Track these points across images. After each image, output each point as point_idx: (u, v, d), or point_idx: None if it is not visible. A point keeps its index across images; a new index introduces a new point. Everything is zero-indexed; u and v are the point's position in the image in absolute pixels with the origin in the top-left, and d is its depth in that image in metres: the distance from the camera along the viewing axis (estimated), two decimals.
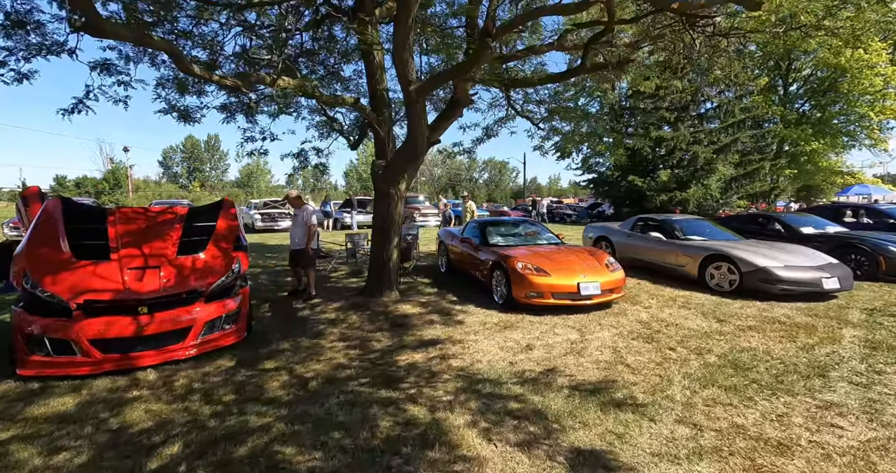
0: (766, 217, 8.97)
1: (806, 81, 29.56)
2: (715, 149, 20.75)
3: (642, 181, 21.00)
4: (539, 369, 3.36)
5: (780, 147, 30.24)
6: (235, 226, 4.33)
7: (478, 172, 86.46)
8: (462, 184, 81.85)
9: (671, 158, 21.35)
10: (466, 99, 5.66)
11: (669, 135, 20.59)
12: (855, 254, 7.24)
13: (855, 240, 7.29)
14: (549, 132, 9.15)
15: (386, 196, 5.29)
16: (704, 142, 21.35)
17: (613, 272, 5.40)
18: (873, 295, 6.04)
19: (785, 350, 3.97)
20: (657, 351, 3.90)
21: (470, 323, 4.61)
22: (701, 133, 21.78)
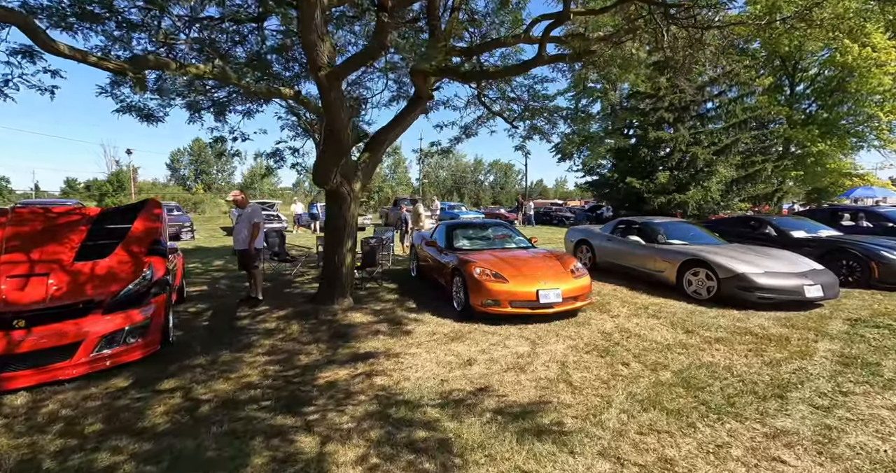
0: (757, 220, 8.59)
1: (813, 81, 28.94)
2: (715, 151, 20.28)
3: (640, 183, 20.59)
4: (470, 388, 3.08)
5: (787, 148, 29.63)
6: (156, 228, 4.02)
7: (483, 174, 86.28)
8: (467, 186, 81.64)
9: (670, 160, 20.93)
10: (426, 93, 5.40)
11: (668, 136, 20.18)
12: (846, 260, 6.86)
13: (846, 245, 6.91)
14: (529, 131, 8.87)
15: (336, 196, 4.98)
16: (705, 143, 20.89)
17: (578, 278, 5.10)
18: (861, 304, 5.66)
19: (748, 365, 3.65)
20: (609, 366, 3.60)
21: (418, 334, 4.34)
22: (702, 134, 21.32)
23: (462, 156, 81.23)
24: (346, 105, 3.59)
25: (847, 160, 30.91)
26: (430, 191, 71.39)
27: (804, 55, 28.26)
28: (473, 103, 7.93)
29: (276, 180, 69.22)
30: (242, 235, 5.28)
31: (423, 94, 5.30)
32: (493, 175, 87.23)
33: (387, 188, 59.10)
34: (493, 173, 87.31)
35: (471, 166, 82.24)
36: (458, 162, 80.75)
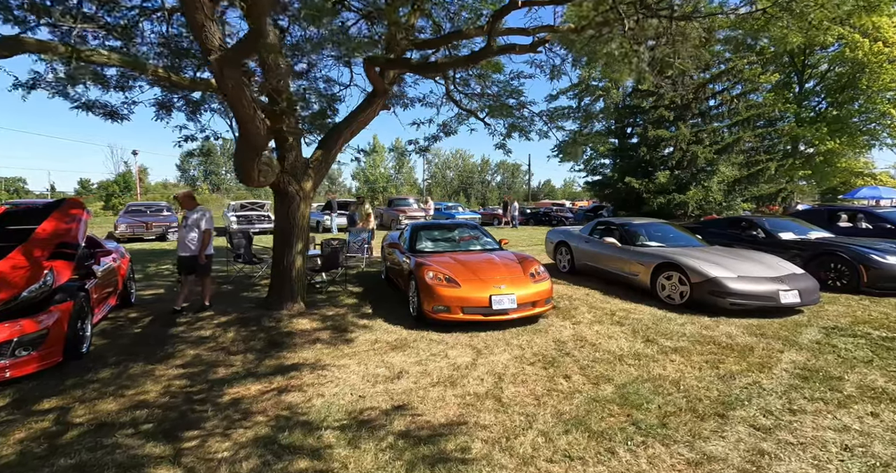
0: (747, 221, 8.26)
1: (823, 77, 28.18)
2: (717, 149, 19.78)
3: (639, 183, 20.18)
4: (387, 406, 2.86)
5: (795, 147, 28.89)
6: (67, 229, 3.71)
7: (490, 174, 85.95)
8: (474, 186, 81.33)
9: (670, 159, 20.48)
10: (381, 87, 5.20)
11: (668, 134, 19.73)
12: (835, 264, 6.52)
13: (835, 248, 6.56)
14: (508, 129, 8.63)
15: (283, 196, 4.81)
16: (706, 141, 20.40)
17: (538, 283, 4.87)
18: (843, 311, 5.34)
19: (699, 379, 3.40)
20: (549, 379, 3.37)
21: (359, 343, 4.14)
22: (703, 132, 20.83)
23: (469, 156, 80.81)
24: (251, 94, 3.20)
25: (861, 159, 30.04)
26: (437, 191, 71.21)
27: (813, 51, 27.55)
28: (442, 101, 7.72)
29: None
30: (189, 240, 4.91)
31: (378, 88, 5.09)
32: (501, 175, 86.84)
33: (391, 189, 58.99)
34: (500, 173, 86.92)
35: (478, 166, 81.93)
36: (466, 162, 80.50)
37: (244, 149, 3.46)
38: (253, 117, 3.16)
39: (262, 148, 3.67)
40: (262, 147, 3.66)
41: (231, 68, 2.77)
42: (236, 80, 2.85)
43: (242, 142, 3.37)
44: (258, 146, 3.57)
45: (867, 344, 4.17)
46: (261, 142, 3.55)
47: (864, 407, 2.92)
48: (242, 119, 3.20)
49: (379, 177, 59.44)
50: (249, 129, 3.25)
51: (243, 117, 3.15)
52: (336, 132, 5.33)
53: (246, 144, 3.39)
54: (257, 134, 3.31)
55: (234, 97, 3.00)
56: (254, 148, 3.53)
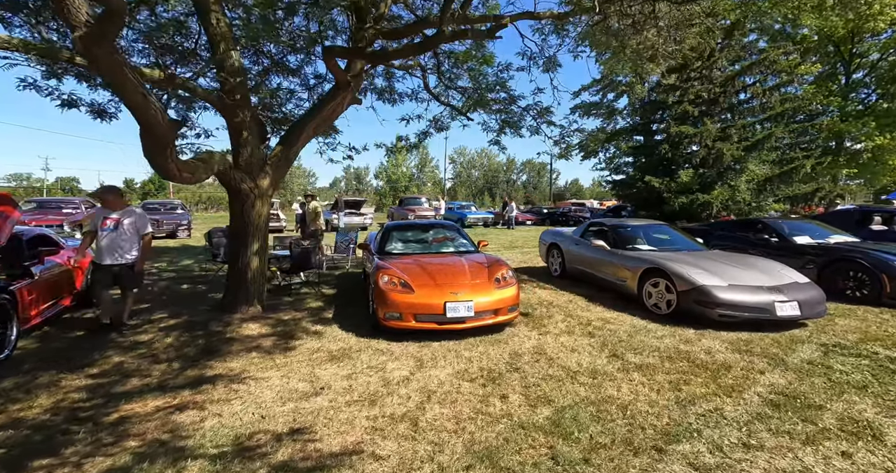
0: (760, 223, 7.58)
1: (873, 67, 26.07)
2: (746, 146, 18.54)
3: (660, 182, 19.21)
4: (284, 429, 2.61)
5: (840, 143, 26.88)
6: None
7: (516, 174, 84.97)
8: (499, 185, 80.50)
9: (694, 157, 19.39)
10: (342, 78, 4.98)
11: (692, 131, 18.67)
12: (854, 272, 5.85)
13: (854, 255, 5.88)
14: (502, 125, 8.27)
15: (236, 194, 4.65)
16: (735, 138, 19.18)
17: (502, 289, 4.55)
18: (855, 326, 4.74)
19: (653, 403, 3.01)
20: (483, 399, 3.06)
21: (299, 352, 3.93)
22: (732, 128, 19.61)
23: (494, 155, 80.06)
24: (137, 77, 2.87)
25: None
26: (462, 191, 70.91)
27: (862, 38, 25.49)
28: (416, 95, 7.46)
29: (312, 180, 71.15)
30: (119, 246, 4.21)
31: (340, 80, 4.87)
32: (526, 174, 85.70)
33: (414, 188, 59.13)
34: (525, 172, 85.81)
35: (503, 165, 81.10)
36: (491, 161, 79.84)
37: (147, 142, 3.17)
38: (144, 105, 2.90)
39: (167, 139, 3.33)
40: (167, 138, 3.32)
41: (101, 49, 2.45)
42: (111, 61, 2.56)
43: (143, 133, 3.11)
44: (161, 137, 3.24)
45: (869, 366, 3.63)
46: (162, 133, 3.22)
47: (836, 445, 2.48)
48: (132, 106, 2.95)
49: (401, 176, 59.71)
50: (145, 118, 3.01)
51: (133, 104, 2.91)
52: (298, 127, 5.16)
53: (147, 136, 3.10)
54: (156, 123, 3.05)
55: (115, 81, 2.70)
56: (157, 140, 3.23)
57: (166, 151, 3.32)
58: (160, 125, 3.13)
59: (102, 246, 4.22)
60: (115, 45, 2.64)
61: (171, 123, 3.31)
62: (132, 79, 2.81)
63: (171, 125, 3.32)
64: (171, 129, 3.33)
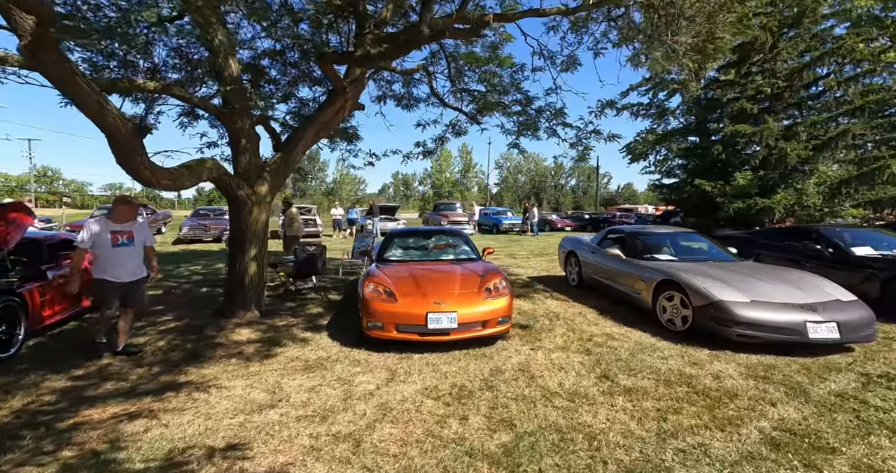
0: (812, 231, 6.72)
1: None
2: (816, 145, 16.67)
3: (712, 186, 17.77)
4: (222, 444, 2.54)
5: None
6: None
7: (564, 178, 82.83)
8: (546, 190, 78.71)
9: (753, 158, 17.76)
10: (339, 84, 5.01)
11: (748, 129, 17.12)
12: None
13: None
14: (521, 128, 8.03)
15: (233, 200, 4.76)
16: (803, 136, 17.32)
17: (491, 299, 4.33)
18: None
19: (629, 433, 2.69)
20: (441, 420, 2.87)
21: (277, 360, 3.91)
22: (800, 125, 17.75)
23: (542, 159, 78.53)
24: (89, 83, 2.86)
25: None
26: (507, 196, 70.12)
27: None
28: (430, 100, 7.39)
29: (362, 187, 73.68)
30: (138, 261, 3.98)
31: (337, 86, 4.92)
32: (576, 178, 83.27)
33: (457, 193, 59.32)
34: (574, 177, 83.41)
35: (551, 170, 79.30)
36: (538, 165, 78.39)
37: (113, 149, 3.22)
38: (100, 112, 2.90)
39: (132, 145, 3.28)
40: (130, 144, 3.26)
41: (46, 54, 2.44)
42: (60, 69, 2.55)
43: (107, 140, 3.14)
44: (124, 144, 3.21)
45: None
46: (124, 139, 3.17)
47: None
48: (88, 114, 2.92)
49: (445, 181, 60.20)
50: (104, 125, 3.01)
51: (89, 112, 2.89)
52: (297, 134, 5.28)
53: (111, 143, 3.15)
54: (116, 131, 3.07)
55: (67, 89, 2.76)
56: (121, 146, 3.21)
57: (136, 158, 3.36)
58: (121, 132, 3.15)
59: (117, 263, 3.84)
60: (62, 53, 2.71)
61: (133, 130, 3.33)
62: (84, 87, 2.82)
63: (135, 131, 3.33)
64: (135, 136, 3.33)
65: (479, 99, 7.09)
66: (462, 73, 7.70)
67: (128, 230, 3.95)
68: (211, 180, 4.38)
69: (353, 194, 66.69)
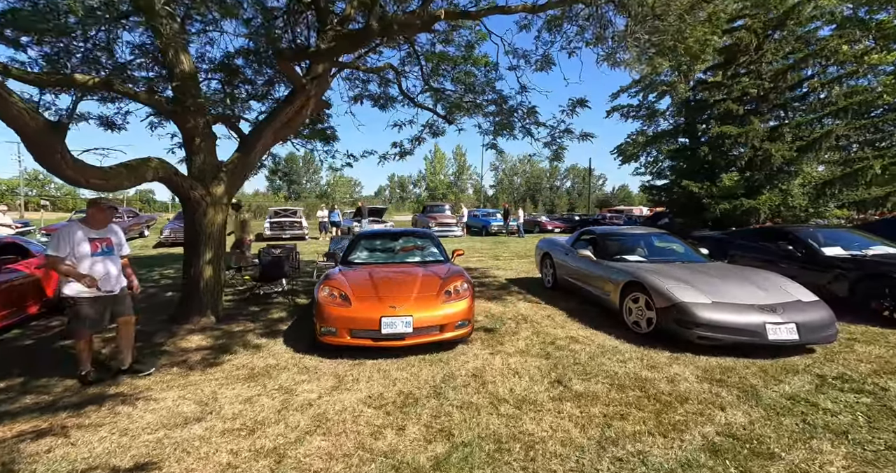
0: (784, 231, 6.69)
1: None
2: (800, 146, 16.73)
3: (699, 187, 17.81)
4: (128, 464, 2.38)
5: None
6: None
7: (559, 180, 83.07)
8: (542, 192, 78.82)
9: (739, 159, 17.82)
10: (298, 82, 4.90)
11: (734, 130, 17.17)
12: (892, 289, 4.94)
13: (891, 269, 4.97)
14: (497, 128, 7.97)
15: (186, 201, 4.63)
16: (788, 137, 17.39)
17: (450, 303, 4.24)
18: (875, 354, 3.95)
19: (569, 441, 2.60)
20: (377, 430, 2.74)
21: (223, 368, 3.75)
22: (785, 127, 17.83)
23: (538, 161, 78.85)
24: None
25: None
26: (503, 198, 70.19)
27: None
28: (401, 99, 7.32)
29: (357, 189, 73.41)
30: (117, 269, 3.57)
31: (296, 84, 4.81)
32: (571, 180, 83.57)
33: (451, 195, 59.26)
34: (569, 178, 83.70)
35: (546, 172, 79.48)
36: (534, 167, 78.60)
37: (27, 145, 3.04)
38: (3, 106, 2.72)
39: (47, 142, 3.07)
40: (43, 141, 3.06)
41: None
42: None
43: (18, 135, 2.95)
44: (35, 140, 3.03)
45: (867, 406, 2.96)
46: (34, 134, 2.99)
47: None
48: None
49: (439, 183, 60.19)
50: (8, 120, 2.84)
51: None
52: (255, 133, 5.16)
53: (22, 139, 2.98)
54: (24, 125, 2.89)
55: None
56: (33, 143, 3.03)
57: (55, 156, 3.17)
58: (29, 126, 2.97)
59: (101, 273, 3.41)
60: None
61: (46, 125, 3.11)
62: None
63: (48, 127, 3.11)
64: (49, 132, 3.11)
65: (447, 98, 7.02)
66: (437, 73, 7.64)
67: (106, 237, 3.54)
68: (160, 180, 4.25)
69: (347, 196, 66.46)
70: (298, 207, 19.27)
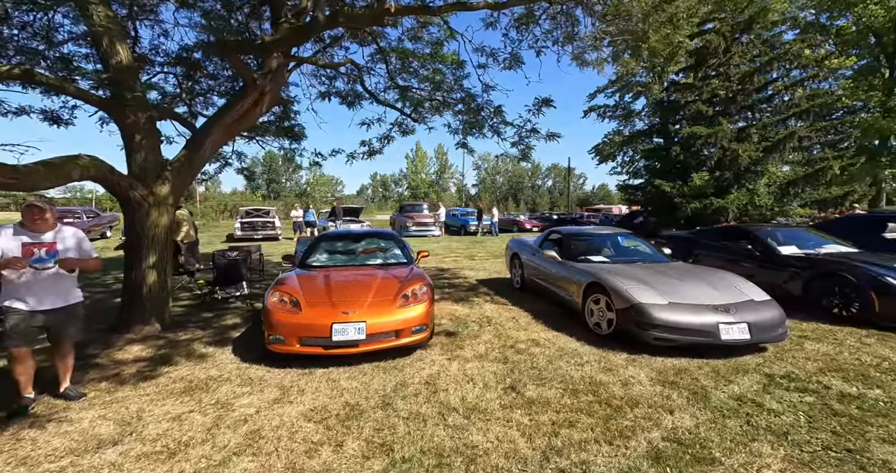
0: (744, 231, 6.81)
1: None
2: (766, 147, 17.22)
3: (671, 186, 18.16)
4: None
5: (884, 142, 24.77)
6: None
7: (541, 179, 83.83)
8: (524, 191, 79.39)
9: (709, 159, 18.23)
10: (247, 76, 4.66)
11: (704, 131, 17.55)
12: (841, 287, 5.06)
13: (841, 268, 5.09)
14: (466, 127, 7.88)
15: (125, 202, 4.33)
16: (755, 138, 17.89)
17: (407, 307, 4.11)
18: (824, 352, 4.02)
19: (514, 452, 2.52)
20: (314, 447, 2.58)
21: (158, 382, 3.51)
22: (752, 128, 18.33)
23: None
24: None
25: None
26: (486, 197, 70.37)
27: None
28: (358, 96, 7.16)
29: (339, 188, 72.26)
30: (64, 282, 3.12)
31: (246, 78, 4.58)
32: (552, 179, 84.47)
33: (433, 194, 59.03)
34: (551, 177, 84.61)
35: (528, 171, 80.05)
36: (515, 166, 79.07)
37: None
38: None
39: None
40: None
41: None
42: None
43: None
44: None
45: (810, 405, 2.99)
46: None
47: None
48: None
49: (421, 182, 59.96)
50: None
51: None
52: (204, 131, 4.90)
53: None
54: None
55: None
56: None
57: None
58: None
59: (33, 284, 2.97)
60: None
61: None
62: None
63: None
64: None
65: (412, 97, 6.88)
66: (406, 71, 7.50)
67: (47, 242, 3.03)
68: (92, 179, 3.97)
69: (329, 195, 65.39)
70: (271, 207, 18.80)
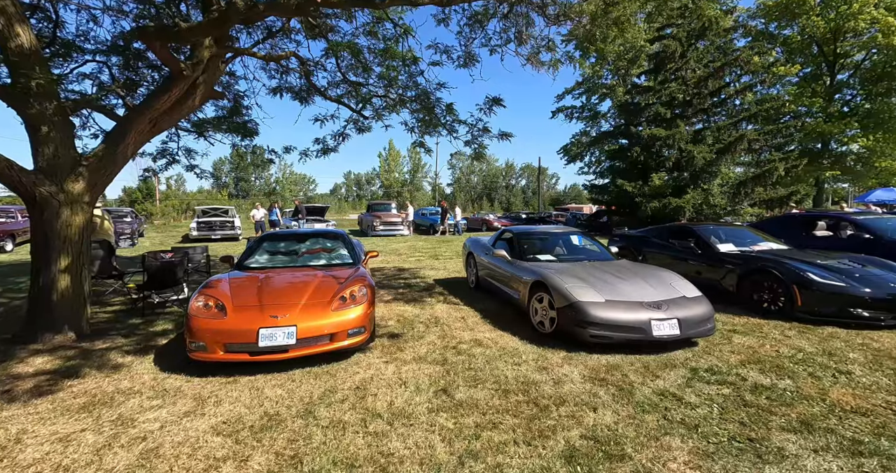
0: (685, 230, 7.02)
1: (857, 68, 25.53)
2: (719, 149, 17.99)
3: (632, 186, 18.70)
4: None
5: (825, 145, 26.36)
6: None
7: (515, 179, 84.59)
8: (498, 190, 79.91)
9: (667, 160, 18.88)
10: (174, 66, 4.38)
11: (663, 133, 18.16)
12: (769, 283, 5.28)
13: (769, 264, 5.32)
14: (422, 125, 7.79)
15: (30, 200, 4.01)
16: (709, 140, 18.65)
17: (343, 310, 3.98)
18: (748, 345, 4.18)
19: (429, 459, 2.46)
20: (212, 465, 2.40)
21: (58, 397, 3.21)
22: (707, 130, 19.12)
23: (494, 160, 79.61)
24: None
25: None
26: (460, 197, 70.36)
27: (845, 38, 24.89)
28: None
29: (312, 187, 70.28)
30: None
31: (172, 69, 4.29)
32: (526, 179, 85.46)
33: (407, 193, 58.55)
34: (524, 177, 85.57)
35: (502, 171, 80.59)
36: (490, 166, 79.46)
37: None
38: None
39: None
40: None
41: None
42: None
43: None
44: None
45: (725, 397, 3.08)
46: None
47: None
48: None
49: (394, 181, 59.43)
50: None
51: None
52: (125, 124, 4.56)
53: None
54: None
55: None
56: None
57: None
58: None
59: None
60: None
61: None
62: None
63: None
64: None
65: (361, 95, 6.74)
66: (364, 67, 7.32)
67: None
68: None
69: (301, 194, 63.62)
70: (230, 206, 18.11)
